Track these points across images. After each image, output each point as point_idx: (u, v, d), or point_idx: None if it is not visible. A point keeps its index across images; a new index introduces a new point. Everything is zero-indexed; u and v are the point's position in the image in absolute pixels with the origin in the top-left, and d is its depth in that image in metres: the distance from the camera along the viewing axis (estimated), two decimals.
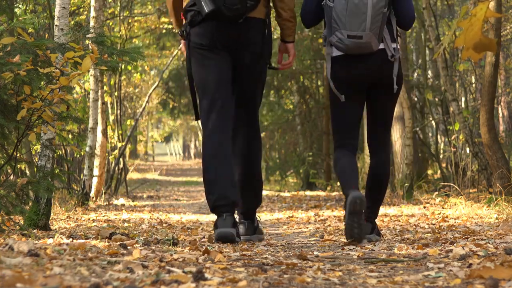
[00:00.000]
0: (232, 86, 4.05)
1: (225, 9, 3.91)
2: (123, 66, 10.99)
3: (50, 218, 4.68)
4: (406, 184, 7.71)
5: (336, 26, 3.95)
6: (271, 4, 4.12)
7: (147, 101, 11.35)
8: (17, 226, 4.19)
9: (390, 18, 4.07)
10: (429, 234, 4.30)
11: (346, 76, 4.06)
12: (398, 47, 4.09)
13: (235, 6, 3.91)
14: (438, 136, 12.67)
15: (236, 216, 4.10)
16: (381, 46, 4.02)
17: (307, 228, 5.28)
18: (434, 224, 5.06)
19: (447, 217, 5.62)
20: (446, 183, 7.73)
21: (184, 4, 4.07)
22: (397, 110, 8.74)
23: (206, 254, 3.20)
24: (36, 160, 5.44)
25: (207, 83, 3.99)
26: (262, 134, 13.98)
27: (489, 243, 3.62)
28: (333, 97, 4.12)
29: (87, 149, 8.02)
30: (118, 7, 11.13)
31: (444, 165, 11.77)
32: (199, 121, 4.17)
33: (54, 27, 4.68)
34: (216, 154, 3.94)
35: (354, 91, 4.10)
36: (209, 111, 3.97)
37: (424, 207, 6.61)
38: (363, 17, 3.91)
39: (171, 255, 3.09)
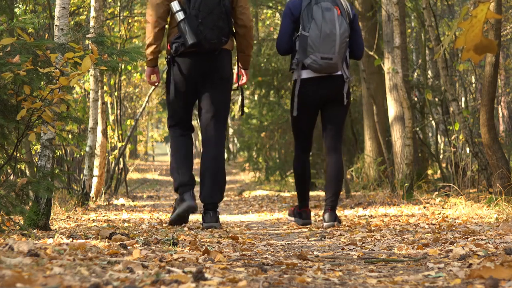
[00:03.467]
0: (202, 104, 5.17)
1: (205, 42, 4.97)
2: (123, 66, 10.99)
3: (50, 218, 4.68)
4: (406, 184, 7.70)
5: (311, 50, 5.08)
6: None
7: (147, 101, 11.37)
8: (17, 226, 4.19)
9: (346, 50, 5.21)
10: (429, 234, 4.30)
11: (312, 94, 5.20)
12: (348, 73, 5.26)
13: (213, 40, 4.98)
14: (438, 136, 12.67)
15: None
16: (340, 72, 5.21)
17: (307, 228, 5.28)
18: (434, 224, 5.06)
19: (447, 217, 5.62)
20: (446, 183, 7.73)
21: (170, 37, 5.11)
22: (397, 110, 8.74)
23: (206, 254, 3.21)
24: (36, 160, 5.44)
25: (182, 101, 5.19)
26: (262, 134, 13.98)
27: (489, 243, 3.62)
28: (301, 110, 5.27)
29: (87, 149, 8.02)
30: (118, 7, 11.13)
31: (444, 165, 11.77)
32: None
33: (54, 27, 4.68)
34: (182, 154, 5.17)
35: (314, 106, 5.27)
36: (180, 119, 5.22)
37: (424, 207, 6.61)
38: (333, 43, 5.07)
39: (171, 255, 3.10)
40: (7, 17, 5.95)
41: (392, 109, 8.83)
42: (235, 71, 5.47)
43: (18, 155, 4.40)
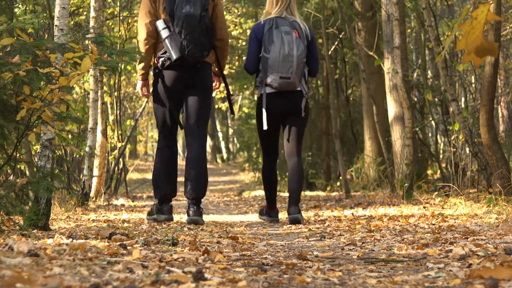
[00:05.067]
0: (187, 111, 5.66)
1: (188, 56, 5.48)
2: (122, 66, 10.98)
3: (50, 218, 4.68)
4: (406, 184, 7.70)
5: (271, 70, 5.68)
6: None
7: (147, 101, 11.37)
8: (17, 226, 4.19)
9: (304, 69, 5.76)
10: (429, 234, 4.30)
11: (276, 108, 5.77)
12: (307, 89, 5.84)
13: (196, 54, 5.50)
14: (438, 136, 12.67)
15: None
16: (300, 88, 5.76)
17: (307, 228, 5.28)
18: (434, 224, 5.06)
19: (446, 217, 5.62)
20: (445, 183, 7.73)
21: (157, 52, 5.61)
22: (397, 110, 8.74)
23: (206, 254, 3.21)
24: (36, 160, 5.44)
25: (168, 111, 5.65)
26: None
27: (489, 243, 3.62)
28: (260, 123, 5.82)
29: (87, 149, 8.01)
30: (118, 7, 11.13)
31: (444, 165, 11.76)
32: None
33: (54, 27, 4.68)
34: (166, 163, 5.69)
35: (277, 118, 5.84)
36: (166, 130, 5.71)
37: (424, 207, 6.60)
38: (290, 64, 5.65)
39: (171, 255, 3.10)
40: (7, 17, 5.95)
41: (392, 109, 8.83)
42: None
43: (18, 155, 4.39)
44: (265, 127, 5.76)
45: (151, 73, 5.90)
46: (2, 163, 4.35)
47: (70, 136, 6.90)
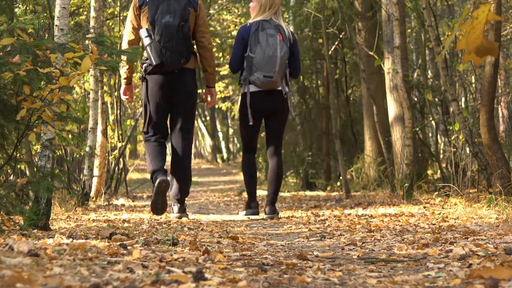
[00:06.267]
0: (172, 114, 6.11)
1: (167, 63, 5.90)
2: None
3: (50, 218, 4.68)
4: (406, 184, 7.70)
5: (255, 69, 6.10)
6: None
7: None
8: (17, 226, 4.19)
9: (285, 70, 6.17)
10: (429, 234, 4.30)
11: (259, 105, 6.21)
12: (288, 89, 6.24)
13: (174, 61, 5.91)
14: (438, 136, 12.66)
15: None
16: (280, 88, 6.18)
17: (307, 228, 5.28)
18: (434, 224, 5.06)
19: (447, 217, 5.62)
20: (446, 183, 7.73)
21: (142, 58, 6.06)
22: (397, 110, 8.74)
23: (206, 254, 3.21)
24: (36, 160, 5.44)
25: (155, 112, 6.07)
26: (262, 134, 13.97)
27: (489, 243, 3.62)
28: (244, 119, 6.27)
29: (87, 149, 8.01)
30: (118, 7, 11.13)
31: (444, 165, 11.76)
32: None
33: (54, 27, 4.68)
34: (157, 151, 6.07)
35: (260, 115, 6.27)
36: (153, 128, 6.09)
37: (424, 207, 6.60)
38: (274, 64, 6.07)
39: (171, 255, 3.10)
40: (7, 17, 5.96)
41: (392, 109, 8.83)
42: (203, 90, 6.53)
43: (18, 155, 4.39)
44: (250, 122, 6.23)
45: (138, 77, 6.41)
46: (2, 163, 4.35)
47: (70, 136, 6.90)
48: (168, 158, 6.57)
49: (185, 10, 5.94)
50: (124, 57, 5.86)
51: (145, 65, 6.04)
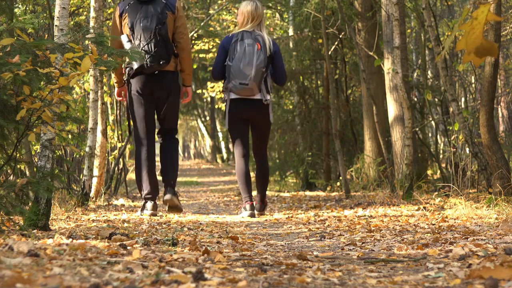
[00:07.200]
0: (157, 115, 6.47)
1: (146, 66, 6.21)
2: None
3: (50, 218, 4.67)
4: (406, 185, 7.69)
5: (232, 76, 6.47)
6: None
7: None
8: (17, 226, 4.19)
9: (266, 78, 6.54)
10: (428, 234, 4.30)
11: (239, 111, 6.58)
12: (269, 97, 6.58)
13: (153, 64, 6.20)
14: (438, 136, 12.66)
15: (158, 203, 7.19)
16: (260, 96, 6.52)
17: (307, 228, 5.28)
18: (433, 224, 5.06)
19: (446, 217, 5.62)
20: (445, 184, 7.73)
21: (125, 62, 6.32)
22: (397, 110, 8.74)
23: (206, 254, 3.21)
24: (36, 161, 5.44)
25: (140, 116, 6.41)
26: None
27: (488, 243, 3.62)
28: (229, 125, 6.65)
29: (87, 149, 8.01)
30: None
31: (443, 165, 11.76)
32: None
33: (54, 27, 4.68)
34: (146, 160, 6.48)
35: (241, 120, 6.62)
36: (142, 132, 6.44)
37: (424, 207, 6.60)
38: (249, 72, 6.42)
39: (171, 255, 3.10)
40: (7, 17, 5.95)
41: (392, 109, 8.82)
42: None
43: (18, 155, 4.39)
44: (226, 126, 6.69)
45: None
46: (2, 163, 4.35)
47: (70, 136, 6.89)
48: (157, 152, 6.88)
49: (162, 14, 6.22)
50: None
51: (127, 68, 6.34)
